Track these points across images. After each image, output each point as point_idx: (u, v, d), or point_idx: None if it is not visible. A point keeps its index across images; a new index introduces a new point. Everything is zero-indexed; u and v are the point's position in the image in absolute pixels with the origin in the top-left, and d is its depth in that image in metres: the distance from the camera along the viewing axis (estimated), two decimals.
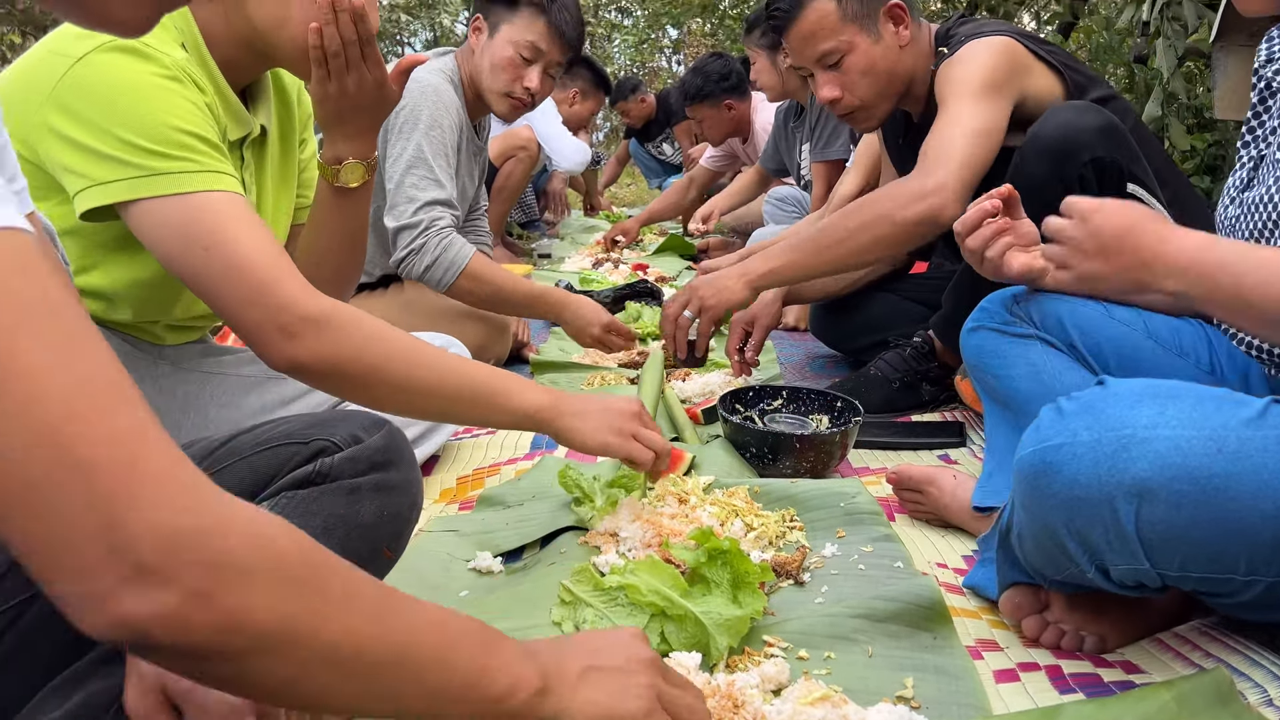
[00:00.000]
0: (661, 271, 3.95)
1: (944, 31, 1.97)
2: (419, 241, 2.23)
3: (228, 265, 1.09)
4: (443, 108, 2.32)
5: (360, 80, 1.30)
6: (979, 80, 1.77)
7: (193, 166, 1.12)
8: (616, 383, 2.31)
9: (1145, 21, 3.78)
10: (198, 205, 1.11)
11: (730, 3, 11.43)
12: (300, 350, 1.10)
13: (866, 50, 1.93)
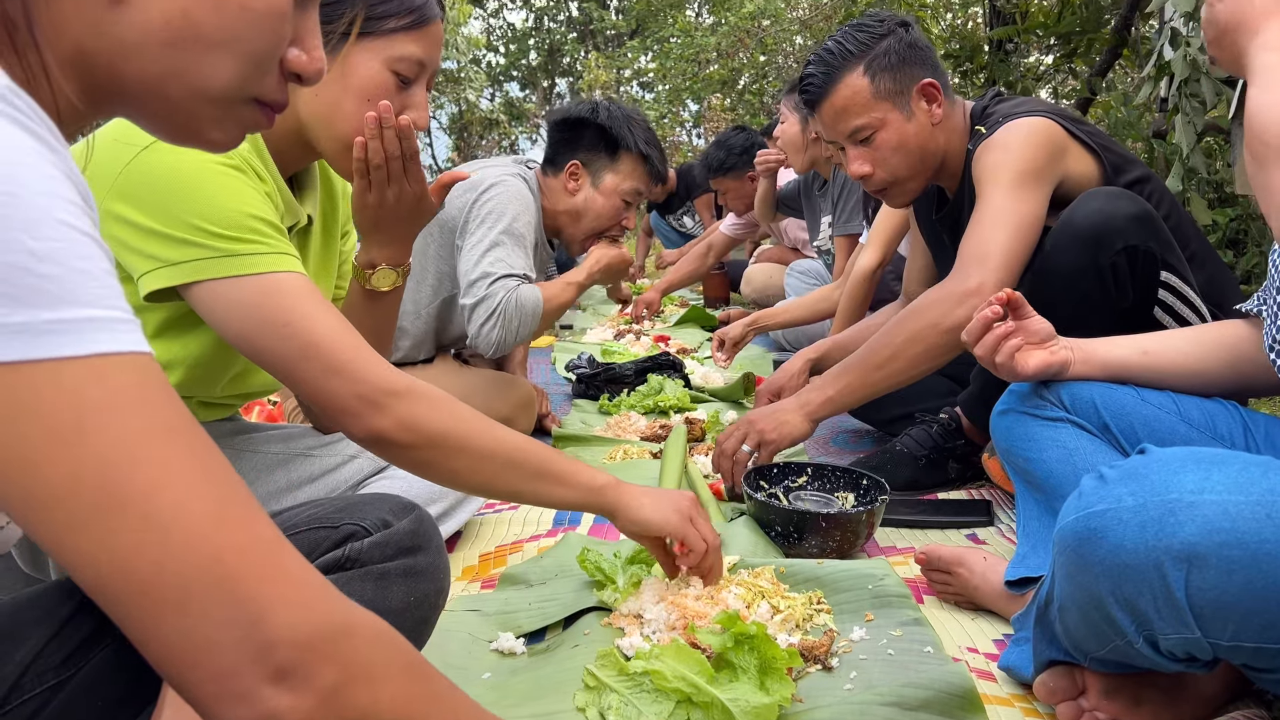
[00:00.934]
0: (683, 343, 3.97)
1: (980, 109, 1.98)
2: (493, 313, 2.25)
3: (308, 342, 1.11)
4: (526, 213, 2.38)
5: (400, 193, 1.34)
6: (1017, 168, 1.76)
7: (263, 248, 1.15)
8: (640, 456, 2.30)
9: (1163, 98, 3.82)
10: (272, 285, 1.13)
11: (749, 79, 11.64)
12: (385, 421, 1.11)
13: (899, 127, 1.94)
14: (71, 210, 0.51)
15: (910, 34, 1.97)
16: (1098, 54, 5.75)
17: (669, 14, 14.56)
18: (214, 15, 0.65)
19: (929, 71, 1.95)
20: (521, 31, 18.04)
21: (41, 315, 0.48)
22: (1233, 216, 4.00)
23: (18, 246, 0.48)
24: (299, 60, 0.73)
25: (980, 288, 1.67)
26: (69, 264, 0.49)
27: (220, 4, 0.65)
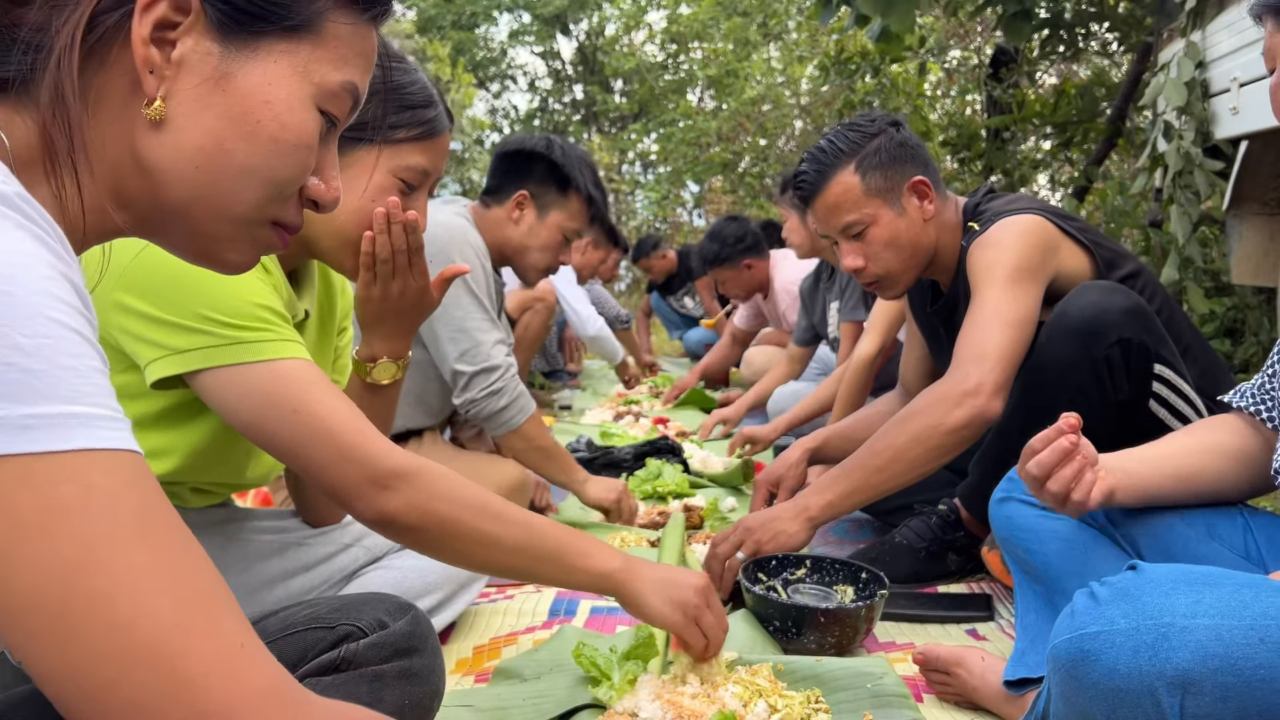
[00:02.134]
0: (682, 426, 3.96)
1: (972, 206, 2.01)
2: (498, 384, 2.31)
3: (317, 427, 1.12)
4: (474, 252, 2.40)
5: (404, 287, 1.37)
6: (1012, 266, 1.78)
7: (271, 336, 1.16)
8: (637, 544, 2.28)
9: (1158, 188, 3.88)
10: (281, 371, 1.15)
11: (750, 162, 11.83)
12: (393, 502, 1.12)
13: (890, 223, 1.97)
14: (65, 310, 0.52)
15: (900, 133, 2.02)
16: (1093, 143, 5.85)
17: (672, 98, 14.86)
18: (246, 144, 0.69)
19: (919, 169, 1.99)
20: (526, 113, 18.38)
21: (20, 410, 0.49)
22: (1229, 306, 4.03)
23: (7, 342, 0.49)
24: (318, 189, 0.76)
25: (979, 387, 1.68)
26: (55, 360, 0.50)
27: (252, 134, 0.69)
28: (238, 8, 0.68)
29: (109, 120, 0.66)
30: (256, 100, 0.69)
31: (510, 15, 17.63)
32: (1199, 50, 3.63)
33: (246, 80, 0.69)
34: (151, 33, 0.65)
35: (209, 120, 0.68)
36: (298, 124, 0.71)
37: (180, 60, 0.67)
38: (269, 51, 0.70)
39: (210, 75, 0.68)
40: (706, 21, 12.61)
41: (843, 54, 6.56)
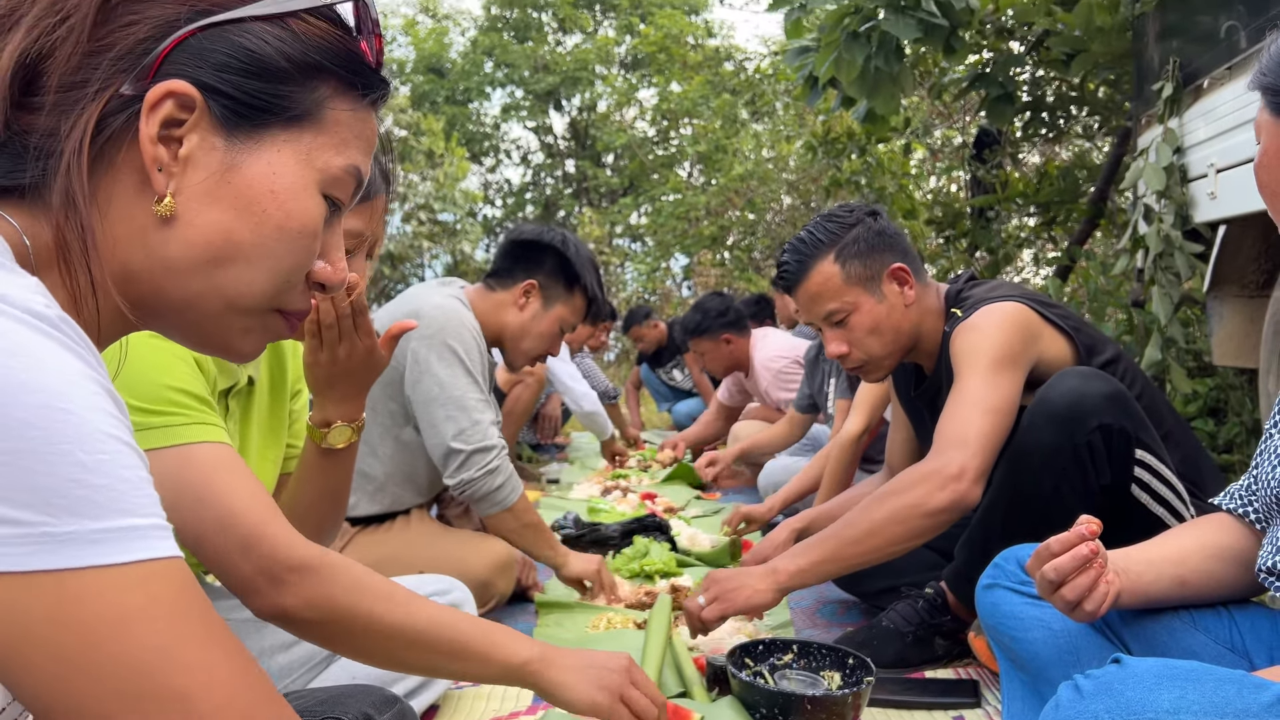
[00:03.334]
0: (670, 501, 3.95)
1: (954, 292, 2.05)
2: (495, 463, 2.32)
3: (219, 515, 1.11)
4: (472, 337, 2.42)
5: (351, 349, 1.35)
6: (993, 354, 1.80)
7: (180, 420, 1.15)
8: (623, 626, 2.26)
9: (1140, 269, 3.94)
10: (188, 457, 1.13)
11: (739, 235, 11.97)
12: (288, 598, 1.10)
13: (871, 310, 2.01)
14: (115, 423, 0.55)
15: (878, 222, 2.06)
16: (1076, 223, 5.95)
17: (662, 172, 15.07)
18: (253, 235, 0.70)
19: (899, 256, 2.03)
20: (519, 186, 18.62)
21: (89, 525, 0.52)
22: (1212, 386, 4.06)
23: (71, 460, 0.52)
24: (325, 272, 0.77)
25: (961, 473, 1.69)
26: (115, 474, 0.54)
27: (259, 224, 0.70)
28: (241, 102, 0.69)
29: (119, 219, 0.68)
30: (262, 190, 0.70)
31: (503, 91, 17.96)
32: (1176, 137, 3.72)
33: (251, 171, 0.70)
34: (158, 131, 0.67)
35: (217, 213, 0.69)
36: (303, 211, 0.72)
37: (187, 156, 0.68)
38: (272, 141, 0.71)
39: (216, 169, 0.69)
40: (696, 99, 12.85)
41: (829, 134, 6.69)
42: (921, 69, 5.85)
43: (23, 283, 0.57)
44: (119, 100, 0.66)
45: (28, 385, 0.52)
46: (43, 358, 0.53)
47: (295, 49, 0.71)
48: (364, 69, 0.75)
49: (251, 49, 0.69)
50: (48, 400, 0.52)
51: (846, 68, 4.56)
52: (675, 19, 15.50)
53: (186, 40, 0.67)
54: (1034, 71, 5.66)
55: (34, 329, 0.54)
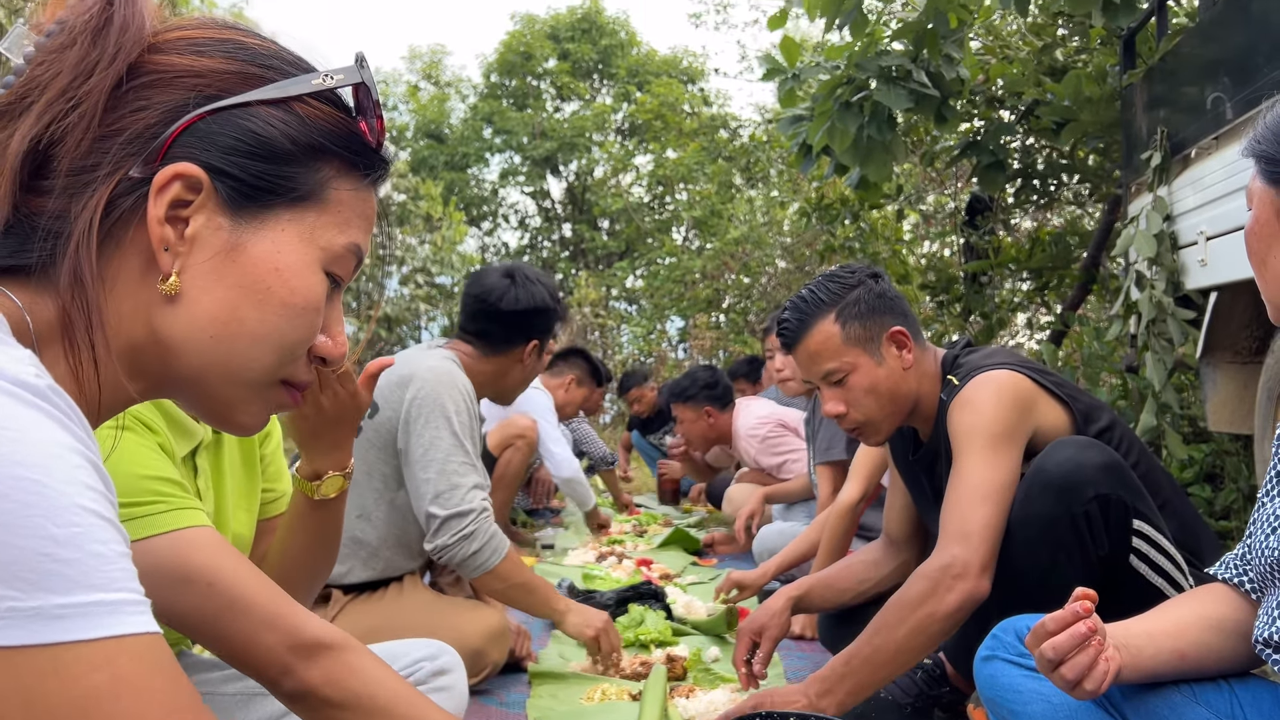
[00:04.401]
0: (666, 568, 3.91)
1: (950, 359, 2.05)
2: (470, 528, 2.29)
3: (235, 597, 1.09)
4: (462, 396, 2.42)
5: (334, 396, 1.34)
6: (991, 431, 1.79)
7: (164, 506, 1.14)
8: (618, 697, 2.22)
9: (1133, 335, 3.96)
10: (185, 541, 1.12)
11: (734, 299, 12.05)
12: (315, 673, 1.08)
13: (869, 371, 2.00)
14: (93, 496, 0.55)
15: (880, 285, 2.07)
16: (1069, 288, 5.99)
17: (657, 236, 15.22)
18: (257, 311, 0.71)
19: (899, 320, 2.04)
20: (516, 250, 18.76)
21: (54, 600, 0.51)
22: (1208, 452, 4.05)
23: (41, 533, 0.51)
24: (326, 346, 0.78)
25: (966, 569, 1.68)
26: (86, 548, 0.53)
27: (263, 301, 0.71)
28: (247, 183, 0.71)
29: (125, 297, 0.69)
30: (266, 269, 0.71)
31: (502, 157, 18.19)
32: (1166, 204, 3.77)
33: (256, 250, 0.71)
34: (165, 212, 0.68)
35: (222, 291, 0.70)
36: (306, 289, 0.73)
37: (193, 236, 0.69)
38: (277, 221, 0.72)
39: (222, 248, 0.70)
40: (692, 165, 13.03)
41: (823, 200, 6.77)
42: (913, 137, 5.94)
43: (15, 354, 0.58)
44: (128, 182, 0.67)
45: (7, 458, 0.52)
46: (25, 429, 0.53)
47: (299, 132, 0.73)
48: (365, 150, 0.77)
49: (257, 132, 0.71)
50: (24, 473, 0.52)
51: (840, 136, 4.62)
52: (671, 87, 15.77)
53: (194, 124, 0.69)
54: (1024, 139, 5.75)
55: (21, 400, 0.54)
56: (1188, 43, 3.76)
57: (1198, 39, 3.70)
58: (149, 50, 0.70)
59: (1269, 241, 1.20)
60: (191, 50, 0.71)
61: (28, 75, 0.67)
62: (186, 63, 0.70)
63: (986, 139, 5.35)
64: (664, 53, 17.85)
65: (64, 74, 0.66)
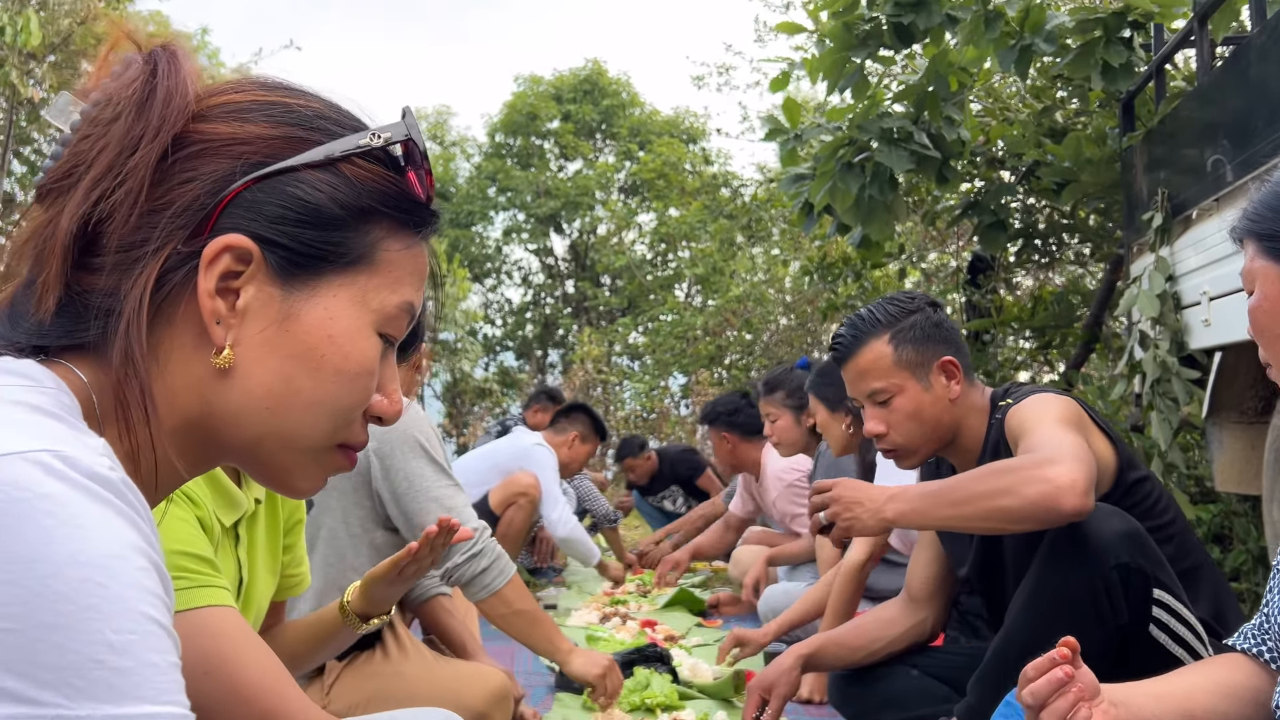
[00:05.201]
0: (671, 629, 3.87)
1: (1002, 392, 2.07)
2: (478, 546, 2.28)
3: (231, 688, 1.09)
4: (425, 421, 2.44)
5: (419, 570, 1.41)
6: (1057, 416, 1.82)
7: (184, 584, 1.13)
8: None
9: (1138, 394, 3.95)
10: (197, 623, 1.11)
11: (736, 355, 12.06)
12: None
13: (915, 395, 2.03)
14: (152, 602, 0.54)
15: (937, 314, 2.09)
16: (1072, 347, 6.00)
17: (660, 293, 15.28)
18: (312, 379, 0.70)
19: (951, 350, 2.06)
20: (519, 306, 18.83)
21: (103, 709, 0.50)
22: (1215, 513, 4.03)
23: (98, 638, 0.51)
24: (381, 405, 0.76)
25: (1061, 478, 1.63)
26: (141, 657, 0.52)
27: (318, 369, 0.70)
28: (297, 252, 0.69)
29: (178, 373, 0.68)
30: (320, 336, 0.70)
31: (506, 214, 18.35)
32: (1168, 265, 3.79)
33: (309, 318, 0.70)
34: (216, 285, 0.67)
35: (276, 361, 0.69)
36: (360, 353, 0.72)
37: (245, 308, 0.68)
38: (328, 286, 0.71)
39: (274, 318, 0.69)
40: (694, 223, 13.13)
41: (825, 259, 6.81)
42: (914, 197, 6.00)
43: (90, 444, 0.57)
44: (177, 256, 0.67)
45: (74, 557, 0.51)
46: (94, 528, 0.53)
47: (348, 194, 0.71)
48: (415, 206, 0.75)
49: (305, 199, 0.69)
50: (89, 574, 0.51)
51: (841, 197, 4.67)
52: (674, 147, 15.96)
53: (241, 193, 0.68)
54: (1025, 199, 5.80)
55: (93, 496, 0.54)
56: (1186, 106, 3.81)
57: (1196, 102, 3.75)
58: (193, 119, 0.69)
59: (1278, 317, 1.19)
60: (235, 117, 0.70)
61: (73, 149, 0.66)
62: (230, 130, 0.69)
63: (987, 199, 5.40)
64: (666, 113, 18.08)
65: (109, 149, 0.65)
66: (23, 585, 0.50)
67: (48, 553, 0.51)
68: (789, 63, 5.13)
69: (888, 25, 4.36)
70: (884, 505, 1.87)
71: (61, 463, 0.54)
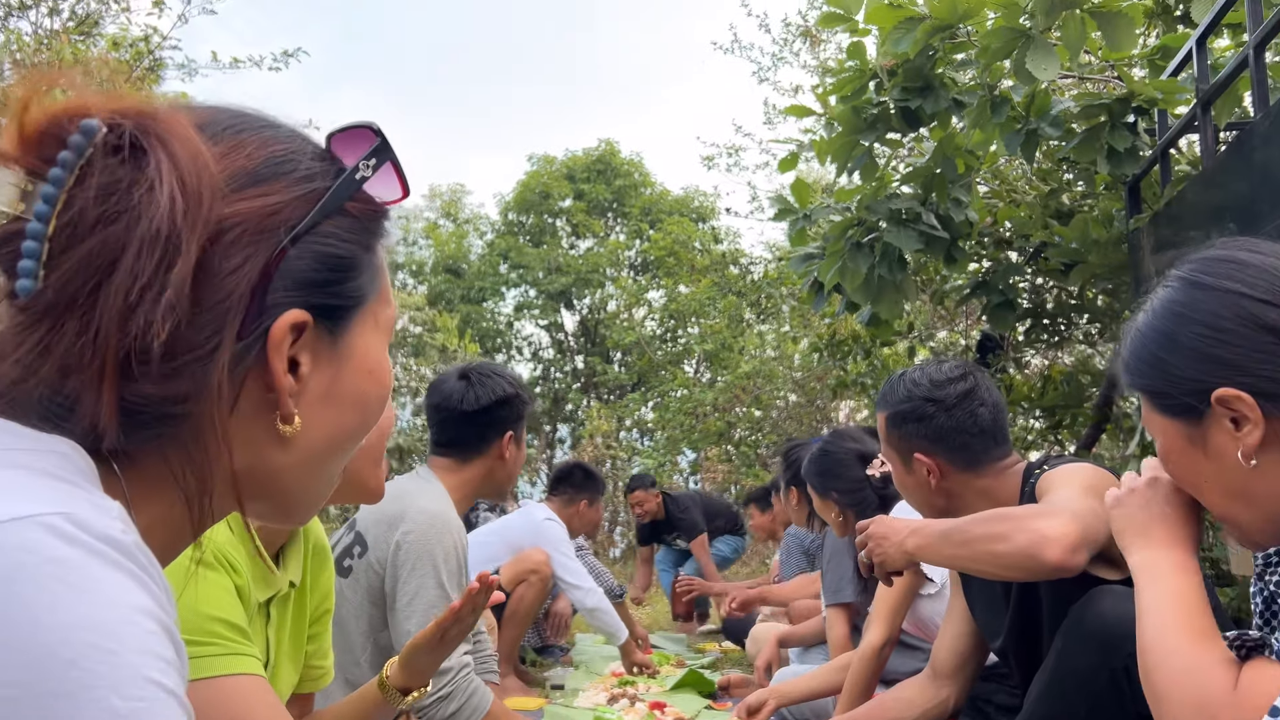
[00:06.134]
0: (680, 712, 3.81)
1: (1040, 460, 2.10)
2: (448, 689, 2.22)
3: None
4: (453, 543, 2.40)
5: (461, 631, 1.41)
6: (1081, 481, 1.83)
7: (217, 650, 1.14)
8: None
9: None
10: (222, 689, 1.12)
11: (745, 431, 12.04)
12: None
13: (900, 474, 2.14)
14: (162, 667, 0.52)
15: (944, 418, 2.07)
16: (1083, 427, 5.98)
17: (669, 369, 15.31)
18: (359, 416, 0.73)
19: (937, 448, 2.09)
20: (529, 380, 18.90)
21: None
22: (1232, 596, 3.98)
23: (104, 705, 0.49)
24: None
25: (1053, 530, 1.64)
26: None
27: (365, 405, 0.73)
28: (340, 307, 0.71)
29: (239, 446, 0.67)
30: (363, 375, 0.72)
31: (517, 291, 18.51)
32: None
33: (355, 363, 0.72)
34: (287, 366, 0.67)
35: (333, 413, 0.71)
36: (388, 375, 0.75)
37: (308, 375, 0.69)
38: (359, 324, 0.72)
39: (331, 375, 0.70)
40: (703, 301, 13.22)
41: (835, 337, 6.84)
42: (923, 276, 6.04)
43: (103, 505, 0.57)
44: (236, 346, 0.65)
45: (81, 622, 0.50)
46: (104, 592, 0.52)
47: (360, 234, 0.72)
48: (388, 213, 0.76)
49: (334, 253, 0.69)
50: (97, 640, 0.50)
51: (851, 276, 4.71)
52: (683, 226, 16.14)
53: (279, 267, 0.66)
54: (1034, 279, 5.83)
55: (105, 559, 0.53)
56: (1192, 190, 3.86)
57: (1201, 186, 3.80)
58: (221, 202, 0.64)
59: (1193, 469, 1.16)
60: (253, 183, 0.66)
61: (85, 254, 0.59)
62: (259, 205, 0.66)
63: (995, 279, 5.43)
64: (676, 193, 18.35)
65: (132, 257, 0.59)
66: (27, 652, 0.49)
67: (54, 619, 0.49)
68: (798, 144, 5.23)
69: (895, 110, 4.45)
70: (906, 538, 1.92)
71: (72, 525, 0.53)
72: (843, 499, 3.25)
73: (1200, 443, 1.11)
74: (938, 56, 4.25)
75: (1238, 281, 1.07)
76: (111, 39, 10.54)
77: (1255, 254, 1.10)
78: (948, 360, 2.27)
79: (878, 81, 4.50)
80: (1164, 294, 1.14)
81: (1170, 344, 1.11)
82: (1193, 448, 1.13)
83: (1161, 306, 1.13)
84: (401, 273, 19.03)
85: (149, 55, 10.79)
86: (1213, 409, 1.06)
